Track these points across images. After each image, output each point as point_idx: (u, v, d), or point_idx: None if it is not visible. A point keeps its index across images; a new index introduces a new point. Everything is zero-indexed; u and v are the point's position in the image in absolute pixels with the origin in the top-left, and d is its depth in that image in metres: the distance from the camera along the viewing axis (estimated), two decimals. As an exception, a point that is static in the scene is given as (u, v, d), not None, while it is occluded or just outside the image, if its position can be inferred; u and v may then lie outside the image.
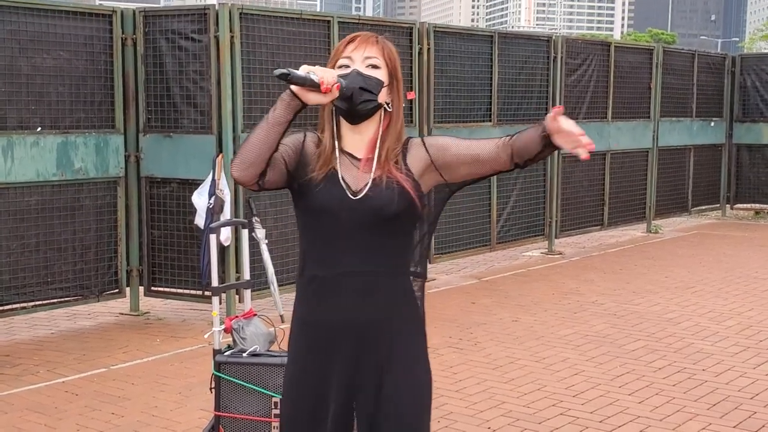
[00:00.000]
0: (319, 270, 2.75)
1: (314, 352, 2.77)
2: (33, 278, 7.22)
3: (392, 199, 2.70)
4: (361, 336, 2.73)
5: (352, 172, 2.74)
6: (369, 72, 2.72)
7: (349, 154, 2.77)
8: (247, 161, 2.66)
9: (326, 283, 2.74)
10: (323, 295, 2.75)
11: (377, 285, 2.73)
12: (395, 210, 2.71)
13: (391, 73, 2.77)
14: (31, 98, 7.12)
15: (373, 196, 2.70)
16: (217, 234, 4.96)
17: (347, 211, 2.69)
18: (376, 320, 2.74)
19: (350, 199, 2.70)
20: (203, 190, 7.35)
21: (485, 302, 8.60)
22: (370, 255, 2.72)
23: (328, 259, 2.73)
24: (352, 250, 2.71)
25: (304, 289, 2.80)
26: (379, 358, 2.73)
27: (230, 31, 7.41)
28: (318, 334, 2.76)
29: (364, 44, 2.75)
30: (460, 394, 5.86)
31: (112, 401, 5.72)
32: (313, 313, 2.77)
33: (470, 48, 9.94)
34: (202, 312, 8.01)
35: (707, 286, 9.44)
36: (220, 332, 4.54)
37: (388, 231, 2.73)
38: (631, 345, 7.07)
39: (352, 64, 2.72)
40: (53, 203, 7.29)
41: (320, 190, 2.72)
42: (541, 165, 11.05)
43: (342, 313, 2.73)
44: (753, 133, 14.79)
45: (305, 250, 2.80)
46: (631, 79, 12.50)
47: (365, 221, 2.70)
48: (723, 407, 5.64)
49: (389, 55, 2.77)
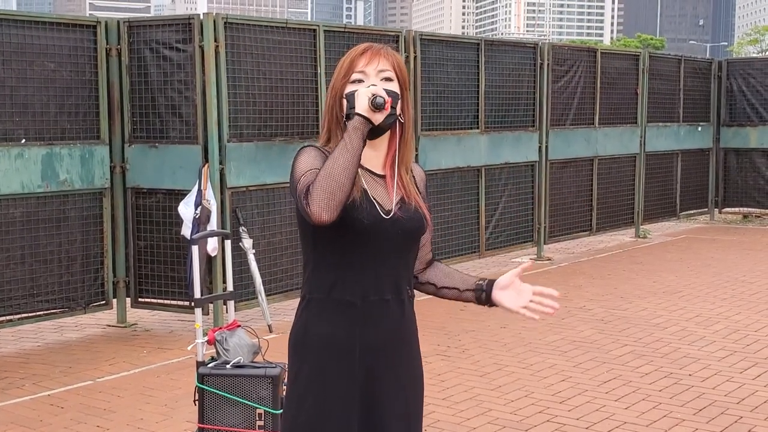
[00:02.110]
0: (355, 296, 2.65)
1: (338, 373, 2.66)
2: (19, 291, 7.19)
3: (421, 221, 2.72)
4: (386, 355, 2.69)
5: (378, 189, 2.68)
6: (385, 85, 2.65)
7: (368, 170, 2.69)
8: (339, 200, 2.47)
9: (363, 309, 2.65)
10: (358, 321, 2.65)
11: (405, 308, 2.73)
12: (422, 234, 2.74)
13: (402, 84, 2.72)
14: (15, 110, 7.10)
15: (405, 217, 2.67)
16: (201, 245, 4.95)
17: (384, 232, 2.62)
18: (400, 341, 2.73)
19: (385, 219, 2.63)
20: (189, 201, 7.33)
21: (473, 309, 8.56)
22: (399, 277, 2.70)
23: (365, 283, 2.64)
24: (387, 275, 2.66)
25: (332, 311, 2.66)
26: (398, 372, 2.72)
27: (215, 41, 7.40)
28: (346, 357, 2.66)
29: (376, 57, 2.68)
30: (447, 401, 5.85)
31: (98, 414, 5.69)
32: (343, 337, 2.65)
33: (457, 55, 9.95)
34: (190, 323, 7.98)
35: (695, 290, 9.46)
36: (203, 344, 4.53)
37: (411, 252, 2.75)
38: (619, 350, 7.08)
39: (367, 78, 2.66)
40: (38, 215, 7.26)
41: (357, 209, 2.59)
42: (529, 171, 11.08)
43: (376, 339, 2.67)
44: (740, 137, 14.84)
45: (316, 267, 2.67)
46: (617, 85, 12.53)
47: (398, 243, 2.67)
48: (709, 412, 5.64)
49: (399, 66, 2.72)
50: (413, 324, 2.80)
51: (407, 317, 2.75)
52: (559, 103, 11.45)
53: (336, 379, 2.66)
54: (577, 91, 11.76)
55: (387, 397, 2.70)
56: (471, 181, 10.23)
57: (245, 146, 7.65)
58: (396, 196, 2.69)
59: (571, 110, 11.70)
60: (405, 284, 2.73)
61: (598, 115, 12.11)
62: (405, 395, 2.74)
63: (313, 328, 2.68)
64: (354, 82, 2.66)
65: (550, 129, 11.28)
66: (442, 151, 9.73)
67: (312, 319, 2.68)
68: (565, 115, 11.59)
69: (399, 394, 2.72)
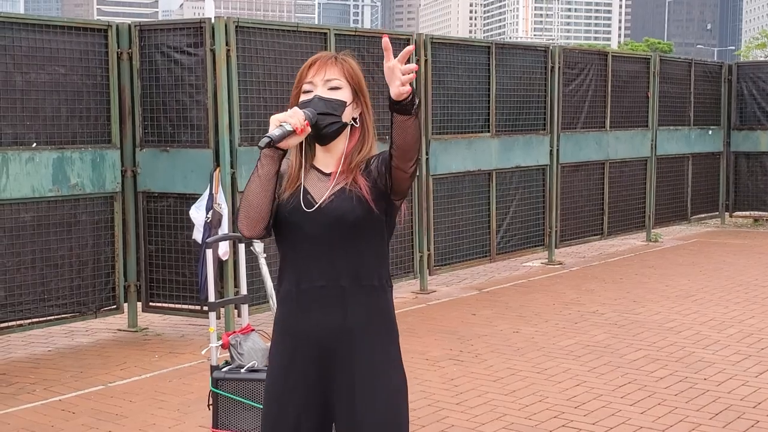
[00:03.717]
0: (293, 285, 2.84)
1: (290, 365, 2.84)
2: (29, 295, 7.17)
3: (352, 207, 2.79)
4: (334, 347, 2.81)
5: (318, 185, 2.85)
6: (330, 94, 2.83)
7: (317, 169, 2.89)
8: (254, 218, 2.78)
9: (300, 297, 2.82)
10: (298, 309, 2.83)
11: (347, 297, 2.81)
12: (355, 217, 2.79)
13: (355, 90, 2.87)
14: (26, 114, 7.09)
15: (334, 206, 2.80)
16: (214, 249, 4.92)
17: (310, 222, 2.80)
18: (349, 330, 2.81)
19: (312, 211, 2.80)
20: (201, 205, 7.31)
21: (486, 313, 8.55)
22: (339, 266, 2.81)
23: (299, 272, 2.83)
24: (321, 263, 2.81)
25: (282, 304, 2.89)
26: (354, 367, 2.80)
27: (226, 45, 7.38)
28: (294, 348, 2.84)
29: (323, 67, 2.85)
30: (461, 406, 5.81)
31: (110, 419, 5.67)
32: (290, 327, 2.85)
33: (468, 59, 9.92)
34: (201, 327, 7.96)
35: (708, 294, 9.40)
36: (217, 348, 4.50)
37: (353, 241, 2.82)
38: (633, 354, 7.03)
39: (314, 88, 2.84)
40: (49, 219, 7.24)
41: (286, 205, 2.83)
42: (540, 175, 11.03)
43: (316, 327, 2.81)
44: (750, 140, 14.78)
45: (280, 265, 2.91)
46: (628, 89, 12.49)
47: (328, 231, 2.80)
48: (726, 416, 5.59)
49: (350, 72, 2.87)
50: (377, 314, 2.84)
51: (358, 304, 2.81)
52: (570, 107, 11.41)
53: (285, 368, 2.85)
54: (588, 95, 11.72)
55: (338, 399, 2.82)
56: (482, 184, 10.19)
57: (256, 150, 7.61)
58: (336, 187, 2.82)
59: (582, 114, 11.66)
60: (352, 271, 2.82)
61: (609, 118, 12.07)
62: (362, 401, 2.78)
63: (275, 324, 2.93)
64: (305, 93, 2.85)
65: (561, 132, 11.24)
66: (452, 154, 9.70)
67: (275, 316, 2.94)
68: (576, 118, 11.55)
69: (351, 397, 2.79)
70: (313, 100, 2.81)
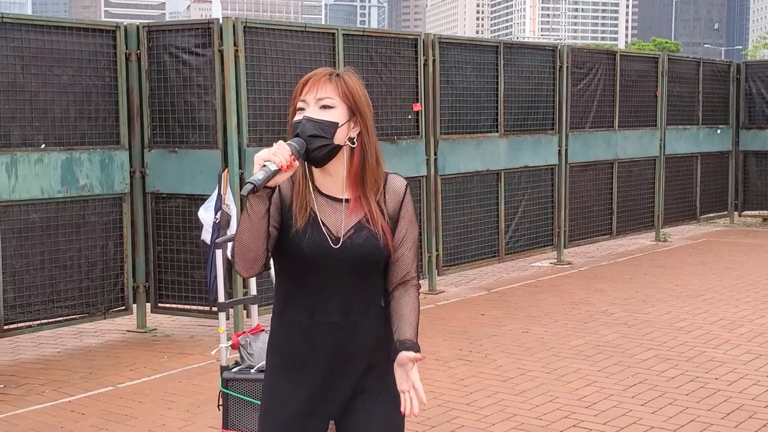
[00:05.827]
0: (305, 316, 2.76)
1: (293, 382, 2.79)
2: (38, 296, 7.17)
3: (378, 248, 2.74)
4: (338, 368, 2.78)
5: (331, 215, 2.74)
6: (321, 114, 2.69)
7: (325, 195, 2.76)
8: (251, 260, 2.67)
9: (312, 329, 2.76)
10: (308, 340, 2.77)
11: (357, 327, 2.77)
12: (379, 258, 2.76)
13: (352, 108, 2.73)
14: (35, 115, 7.09)
15: (358, 245, 2.72)
16: (223, 249, 4.91)
17: (332, 260, 2.71)
18: (356, 354, 2.78)
19: (334, 248, 2.71)
20: (209, 205, 7.29)
21: (495, 314, 8.53)
22: (353, 300, 2.76)
23: (313, 305, 2.75)
24: (336, 299, 2.74)
25: (286, 331, 2.81)
26: (358, 384, 2.79)
27: (234, 45, 7.38)
28: (299, 380, 2.79)
29: (316, 85, 2.73)
30: (471, 407, 5.79)
31: (120, 420, 5.66)
32: (296, 352, 2.79)
33: (476, 59, 9.90)
34: (210, 328, 7.96)
35: (718, 293, 9.36)
36: (227, 348, 4.49)
37: (369, 275, 2.78)
38: (643, 354, 7.00)
39: (307, 107, 2.71)
40: (58, 220, 7.24)
41: (303, 236, 2.70)
42: (548, 175, 11.01)
43: (324, 358, 2.76)
44: (759, 140, 14.72)
45: (288, 293, 2.79)
46: (637, 88, 12.45)
47: (349, 269, 2.73)
48: (737, 416, 5.56)
49: (344, 90, 2.72)
50: (379, 335, 2.81)
51: (368, 332, 2.79)
52: (578, 106, 11.38)
53: (287, 389, 2.80)
54: (597, 94, 11.69)
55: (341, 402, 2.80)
56: (490, 184, 10.17)
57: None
58: (354, 219, 2.74)
59: (591, 113, 11.63)
60: (365, 302, 2.78)
61: (618, 118, 12.04)
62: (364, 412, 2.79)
63: (272, 341, 2.86)
64: (299, 110, 2.73)
65: (570, 132, 11.21)
66: (461, 154, 9.68)
67: (273, 332, 2.86)
68: (584, 118, 11.52)
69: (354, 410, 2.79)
70: (301, 122, 2.68)
